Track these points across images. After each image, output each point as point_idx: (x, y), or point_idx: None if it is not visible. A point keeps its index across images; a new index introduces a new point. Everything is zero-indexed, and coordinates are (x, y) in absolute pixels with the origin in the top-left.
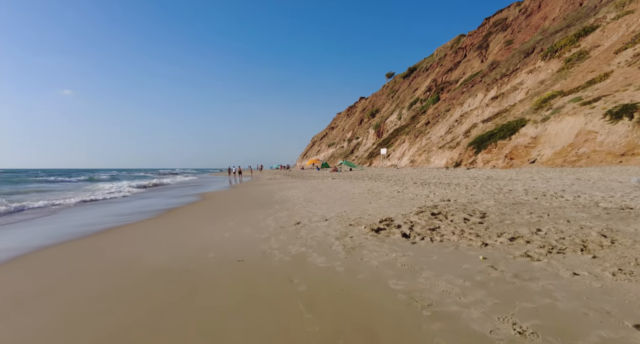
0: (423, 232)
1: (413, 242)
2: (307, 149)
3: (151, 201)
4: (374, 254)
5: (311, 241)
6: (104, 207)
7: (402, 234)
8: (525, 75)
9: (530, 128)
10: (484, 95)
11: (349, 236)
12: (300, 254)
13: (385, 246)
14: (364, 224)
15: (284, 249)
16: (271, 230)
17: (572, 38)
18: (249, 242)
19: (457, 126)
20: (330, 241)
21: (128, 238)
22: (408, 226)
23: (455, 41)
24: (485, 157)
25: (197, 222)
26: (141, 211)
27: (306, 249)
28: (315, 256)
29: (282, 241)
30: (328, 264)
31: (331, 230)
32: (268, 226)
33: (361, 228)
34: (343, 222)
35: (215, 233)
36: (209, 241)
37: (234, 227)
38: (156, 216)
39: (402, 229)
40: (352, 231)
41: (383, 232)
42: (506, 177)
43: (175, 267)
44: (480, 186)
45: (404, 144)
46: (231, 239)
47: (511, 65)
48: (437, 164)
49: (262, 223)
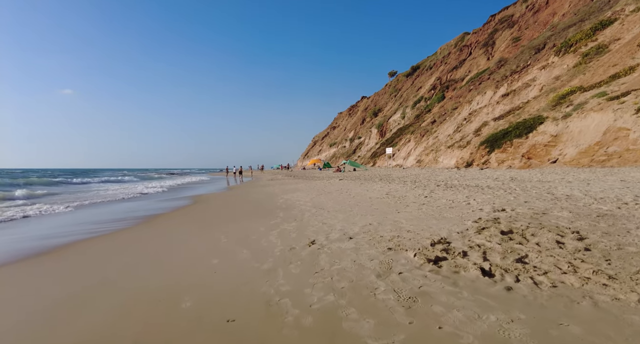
0: (509, 267)
1: (508, 287)
2: (309, 149)
3: (142, 205)
4: (454, 314)
5: (339, 278)
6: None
7: (479, 269)
8: (537, 71)
9: (549, 126)
10: (493, 92)
11: (395, 269)
12: (328, 311)
13: (465, 296)
14: (409, 247)
15: (300, 296)
16: (277, 254)
17: (588, 32)
18: (245, 278)
19: (466, 124)
20: (370, 279)
21: (78, 264)
22: (479, 254)
23: (460, 39)
24: (499, 157)
25: (178, 238)
26: (123, 217)
27: (335, 298)
28: (354, 315)
29: (295, 277)
30: (383, 340)
31: (363, 257)
32: (272, 246)
33: (408, 255)
34: (376, 242)
35: (198, 258)
36: (186, 275)
37: (225, 249)
38: (134, 225)
39: (472, 259)
40: (397, 261)
41: (445, 264)
42: (533, 178)
43: (118, 337)
44: (521, 189)
45: (409, 143)
46: (220, 271)
47: (521, 61)
48: (446, 164)
49: (264, 241)
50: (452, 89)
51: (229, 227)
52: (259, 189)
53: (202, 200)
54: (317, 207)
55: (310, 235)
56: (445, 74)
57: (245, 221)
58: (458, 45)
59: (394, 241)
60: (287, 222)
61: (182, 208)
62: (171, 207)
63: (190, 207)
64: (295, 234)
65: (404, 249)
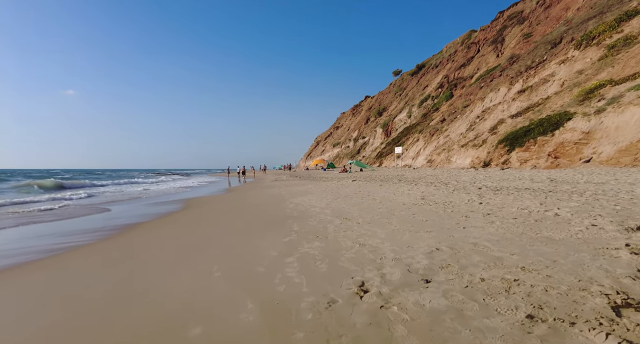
0: None
1: None
2: (311, 149)
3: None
4: None
5: None
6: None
7: None
8: (556, 66)
9: (579, 122)
10: (507, 89)
11: None
12: None
13: None
14: (577, 314)
15: None
16: (307, 318)
17: (612, 23)
18: None
19: (480, 122)
20: None
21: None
22: None
23: (466, 37)
24: (522, 156)
25: (150, 269)
26: (101, 227)
27: None
28: None
29: None
30: None
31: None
32: (294, 291)
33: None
34: (483, 294)
35: (164, 319)
36: None
37: (217, 296)
38: (103, 238)
39: None
40: None
41: None
42: (577, 179)
43: None
44: (591, 195)
45: (417, 142)
46: None
47: (536, 57)
48: (460, 164)
49: (279, 279)
50: (461, 86)
51: (225, 246)
52: (263, 191)
53: (196, 204)
54: (339, 216)
55: (349, 268)
56: (453, 72)
57: (248, 235)
58: (465, 43)
59: (519, 293)
60: (307, 241)
61: (170, 215)
62: (157, 213)
63: (179, 215)
64: (325, 266)
65: (569, 322)
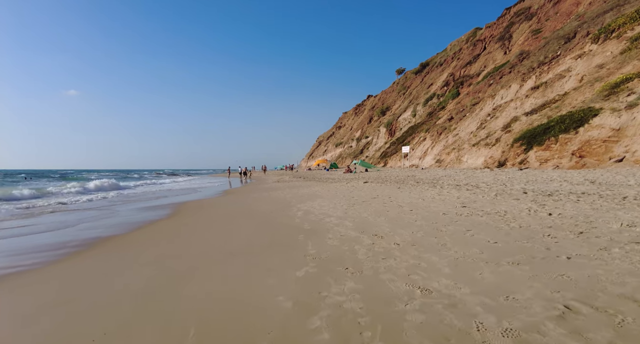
0: None
1: None
2: (313, 149)
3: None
4: None
5: None
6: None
7: None
8: (572, 61)
9: (607, 118)
10: (519, 85)
11: None
12: None
13: None
14: None
15: None
16: None
17: (634, 15)
18: None
19: (491, 120)
20: None
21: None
22: None
23: (471, 34)
24: (541, 155)
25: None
26: (62, 244)
27: None
28: None
29: None
30: None
31: None
32: None
33: None
34: None
35: None
36: None
37: None
38: (56, 260)
39: None
40: None
41: None
42: (617, 180)
43: None
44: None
45: (424, 142)
46: None
47: (549, 52)
48: (472, 164)
49: None
50: (468, 84)
51: (211, 285)
52: (266, 194)
53: (188, 210)
54: (366, 231)
55: None
56: (459, 70)
57: (247, 261)
58: (470, 41)
59: None
60: (335, 279)
61: (152, 225)
62: (138, 221)
63: (163, 224)
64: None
65: None
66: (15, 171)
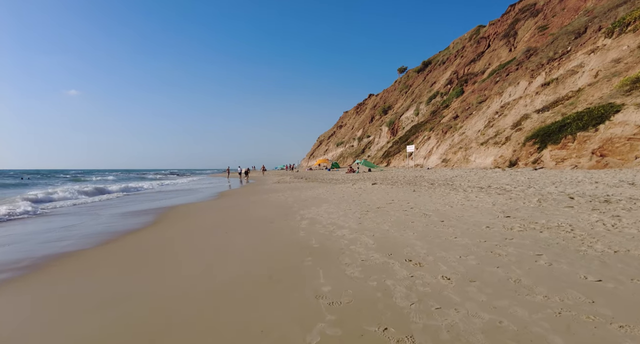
0: None
1: None
2: (314, 149)
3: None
4: None
5: None
6: None
7: None
8: (584, 56)
9: (632, 114)
10: (528, 82)
11: None
12: None
13: None
14: None
15: None
16: None
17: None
18: None
19: (500, 118)
20: None
21: None
22: None
23: (475, 32)
24: (557, 154)
25: None
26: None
27: None
28: None
29: None
30: None
31: None
32: None
33: None
34: None
35: None
36: None
37: None
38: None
39: None
40: None
41: None
42: None
43: None
44: None
45: (429, 141)
46: None
47: (559, 48)
48: (480, 164)
49: None
50: (472, 82)
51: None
52: (264, 196)
53: (172, 217)
54: (394, 253)
55: None
56: (462, 68)
57: (230, 315)
58: (474, 38)
59: None
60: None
61: (122, 239)
62: (109, 233)
63: (137, 239)
64: None
65: None
66: (16, 171)
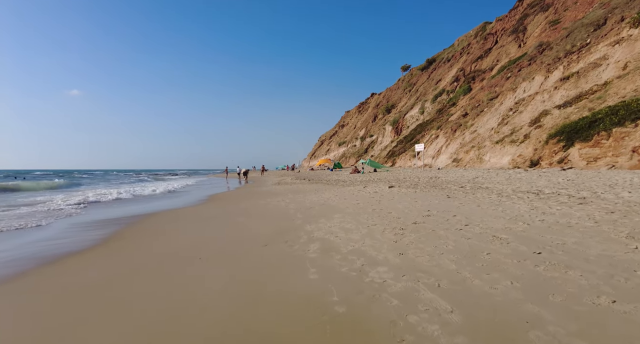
0: None
1: None
2: (315, 149)
3: None
4: None
5: None
6: None
7: None
8: (607, 48)
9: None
10: (544, 77)
11: None
12: None
13: None
14: None
15: None
16: None
17: None
18: None
19: (515, 115)
20: None
21: None
22: None
23: (481, 29)
24: (588, 153)
25: None
26: None
27: None
28: None
29: None
30: None
31: None
32: None
33: None
34: None
35: None
36: None
37: None
38: None
39: None
40: None
41: None
42: None
43: None
44: None
45: (437, 140)
46: None
47: (576, 41)
48: (496, 163)
49: None
50: (480, 79)
51: None
52: (262, 201)
53: (135, 232)
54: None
55: None
56: (469, 65)
57: None
58: (480, 35)
59: None
60: None
61: (57, 263)
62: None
63: (84, 259)
64: None
65: None
66: (17, 171)
